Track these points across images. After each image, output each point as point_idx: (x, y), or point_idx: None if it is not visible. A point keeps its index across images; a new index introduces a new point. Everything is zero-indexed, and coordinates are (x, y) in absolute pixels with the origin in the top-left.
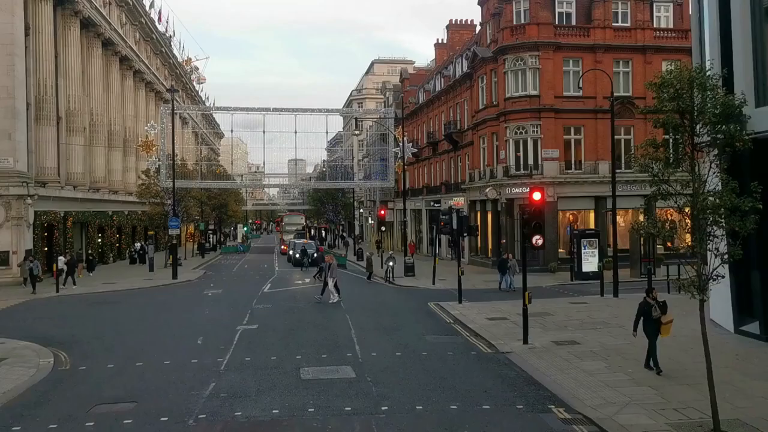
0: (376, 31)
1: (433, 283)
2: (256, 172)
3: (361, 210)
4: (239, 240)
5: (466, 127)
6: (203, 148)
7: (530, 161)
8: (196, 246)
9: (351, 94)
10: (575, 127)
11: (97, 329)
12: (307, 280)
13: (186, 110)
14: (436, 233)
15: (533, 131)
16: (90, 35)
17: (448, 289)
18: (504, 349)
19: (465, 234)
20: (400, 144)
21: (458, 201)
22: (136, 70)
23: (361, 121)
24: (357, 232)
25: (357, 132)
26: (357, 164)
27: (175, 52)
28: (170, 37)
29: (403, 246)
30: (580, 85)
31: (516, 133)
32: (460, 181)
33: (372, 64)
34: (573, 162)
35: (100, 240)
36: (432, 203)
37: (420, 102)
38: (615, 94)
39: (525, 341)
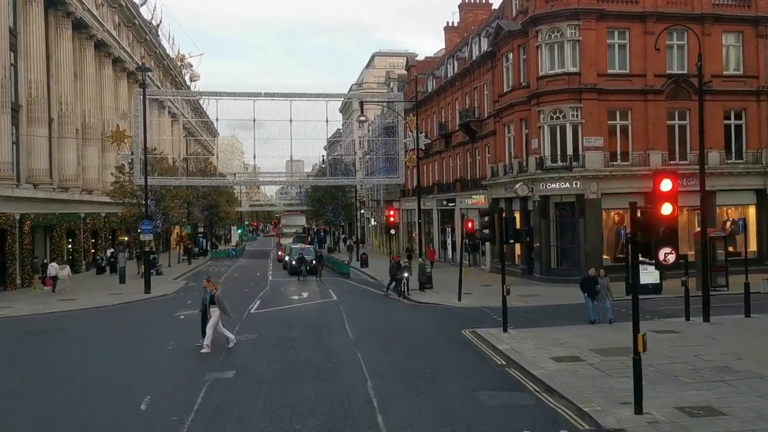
0: (374, 31)
1: (459, 300)
2: (252, 172)
3: (362, 211)
4: (233, 243)
5: (486, 115)
6: (192, 144)
7: (569, 151)
8: (181, 251)
9: (351, 89)
10: (621, 111)
11: (7, 379)
12: (305, 295)
13: (164, 95)
14: (465, 238)
15: (573, 115)
16: (58, 14)
17: (478, 308)
18: (609, 425)
19: (512, 240)
20: (411, 134)
21: (478, 199)
22: (115, 57)
23: (365, 110)
24: (357, 234)
25: (362, 118)
26: (359, 161)
27: (164, 43)
28: (157, 25)
29: (409, 250)
30: (657, 47)
31: (552, 117)
32: (479, 176)
33: (372, 57)
34: (618, 152)
35: (70, 246)
36: (445, 202)
37: (429, 90)
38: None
39: (638, 410)
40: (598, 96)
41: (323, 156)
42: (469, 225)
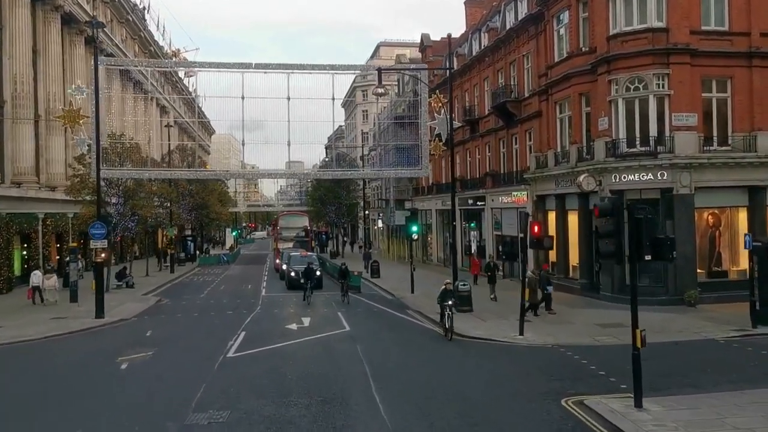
0: (374, 31)
1: (521, 334)
2: (250, 171)
3: (367, 212)
4: (227, 247)
5: (527, 94)
6: (185, 140)
7: (652, 132)
8: (160, 257)
9: (354, 80)
10: (718, 80)
11: None
12: (306, 322)
13: (130, 65)
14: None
15: (657, 85)
16: None
17: (553, 348)
18: None
19: (649, 256)
20: (438, 115)
21: (519, 197)
22: (89, 36)
23: (367, 100)
24: (361, 236)
25: (380, 90)
26: (365, 157)
27: (152, 29)
28: (144, 8)
29: (423, 256)
30: None
31: (628, 88)
32: (517, 169)
33: (378, 47)
34: (716, 134)
35: (25, 253)
36: (471, 201)
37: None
38: None
39: None
40: (690, 60)
41: (325, 146)
42: (536, 229)
